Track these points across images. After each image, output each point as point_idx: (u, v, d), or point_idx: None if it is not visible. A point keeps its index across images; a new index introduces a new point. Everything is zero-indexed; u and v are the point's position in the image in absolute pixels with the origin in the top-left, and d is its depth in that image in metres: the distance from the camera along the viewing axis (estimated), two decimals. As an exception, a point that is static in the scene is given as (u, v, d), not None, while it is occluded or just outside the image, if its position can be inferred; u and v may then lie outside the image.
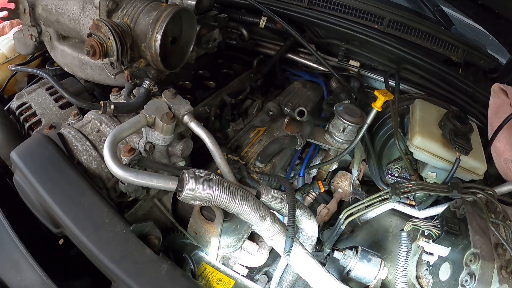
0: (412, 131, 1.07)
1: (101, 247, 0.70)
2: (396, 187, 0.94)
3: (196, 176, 0.72)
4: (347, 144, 1.13)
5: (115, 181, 0.86)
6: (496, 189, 0.94)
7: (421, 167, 1.09)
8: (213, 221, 0.86)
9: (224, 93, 1.20)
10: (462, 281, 0.75)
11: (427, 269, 0.89)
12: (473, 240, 0.78)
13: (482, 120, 1.28)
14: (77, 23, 1.02)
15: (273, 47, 1.56)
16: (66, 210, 0.74)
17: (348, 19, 1.42)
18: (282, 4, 1.50)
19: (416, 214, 0.96)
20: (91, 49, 0.87)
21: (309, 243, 0.94)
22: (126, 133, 0.81)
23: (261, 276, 1.07)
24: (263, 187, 0.82)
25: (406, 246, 0.82)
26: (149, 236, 0.75)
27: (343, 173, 1.25)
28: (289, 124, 1.15)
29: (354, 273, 0.94)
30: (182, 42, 1.04)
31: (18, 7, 1.12)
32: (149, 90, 0.96)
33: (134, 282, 0.67)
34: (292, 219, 0.78)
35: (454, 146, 0.96)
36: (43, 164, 0.80)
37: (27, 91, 1.13)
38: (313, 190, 1.19)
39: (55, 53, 1.15)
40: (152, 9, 0.91)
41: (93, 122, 0.94)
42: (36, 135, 0.89)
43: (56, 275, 0.76)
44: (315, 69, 1.47)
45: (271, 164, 1.02)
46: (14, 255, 0.78)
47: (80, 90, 1.17)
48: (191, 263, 0.81)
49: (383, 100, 1.05)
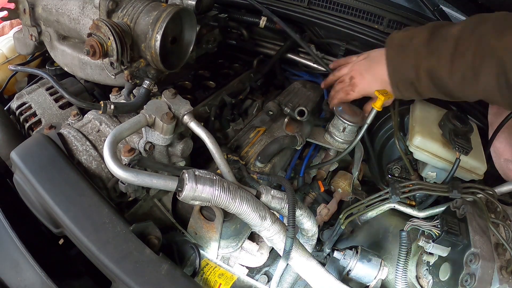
0: (412, 131, 1.07)
1: (101, 247, 0.70)
2: (396, 187, 0.94)
3: (196, 176, 0.72)
4: (347, 144, 1.13)
5: (115, 181, 0.86)
6: (496, 189, 0.94)
7: (421, 167, 1.09)
8: (213, 221, 0.86)
9: (224, 93, 1.20)
10: (462, 281, 0.75)
11: (427, 269, 0.89)
12: (473, 240, 0.78)
13: (482, 120, 1.28)
14: (77, 23, 1.02)
15: (273, 47, 1.56)
16: (66, 210, 0.74)
17: (348, 19, 1.42)
18: (282, 4, 1.50)
19: (416, 214, 0.96)
20: (91, 49, 0.87)
21: (309, 243, 0.94)
22: (126, 133, 0.81)
23: (261, 276, 1.07)
24: (263, 187, 0.83)
25: (406, 246, 0.82)
26: (149, 236, 0.75)
27: (343, 173, 1.25)
28: (289, 124, 1.15)
29: (354, 273, 0.94)
30: (182, 42, 1.04)
31: (18, 7, 1.12)
32: (149, 90, 0.96)
33: (134, 282, 0.67)
34: (292, 219, 0.78)
35: (454, 146, 0.96)
36: (43, 164, 0.80)
37: (27, 91, 1.13)
38: (313, 190, 1.19)
39: (55, 53, 1.15)
40: (152, 9, 0.91)
41: (93, 122, 0.94)
42: (36, 135, 0.89)
43: (56, 275, 0.76)
44: (315, 69, 1.47)
45: (271, 164, 1.02)
46: (14, 255, 0.78)
47: (80, 90, 1.17)
48: (195, 254, 0.81)
49: (383, 100, 1.05)
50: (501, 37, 0.79)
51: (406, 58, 0.98)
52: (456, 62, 0.87)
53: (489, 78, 0.83)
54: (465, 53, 0.85)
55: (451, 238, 0.81)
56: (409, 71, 0.98)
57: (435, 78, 0.93)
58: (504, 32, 0.79)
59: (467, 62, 0.85)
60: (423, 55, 0.93)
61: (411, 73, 0.98)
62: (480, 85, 0.86)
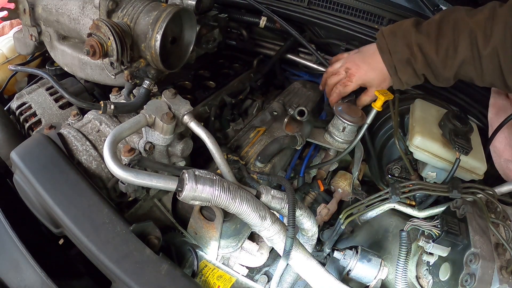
0: (412, 131, 1.07)
1: (101, 247, 0.70)
2: (396, 187, 0.94)
3: (196, 176, 0.72)
4: (347, 144, 1.13)
5: (115, 181, 0.86)
6: (496, 189, 0.94)
7: (421, 167, 1.09)
8: (213, 221, 0.86)
9: (224, 93, 1.20)
10: (462, 281, 0.75)
11: (427, 269, 0.89)
12: (473, 240, 0.78)
13: (482, 120, 1.28)
14: (77, 23, 1.02)
15: (273, 47, 1.56)
16: (66, 210, 0.74)
17: (348, 19, 1.42)
18: (282, 4, 1.50)
19: (416, 214, 0.96)
20: (91, 49, 0.87)
21: (309, 243, 0.94)
22: (126, 133, 0.81)
23: (261, 276, 1.07)
24: (263, 187, 0.82)
25: (406, 246, 0.82)
26: (149, 236, 0.75)
27: (343, 173, 1.25)
28: (289, 124, 1.15)
29: (354, 273, 0.94)
30: (182, 42, 1.04)
31: (18, 7, 1.11)
32: (149, 90, 0.96)
33: (134, 282, 0.67)
34: (292, 219, 0.78)
35: (454, 146, 0.96)
36: (43, 164, 0.80)
37: (27, 91, 1.13)
38: (313, 190, 1.19)
39: (55, 53, 1.15)
40: (152, 9, 0.91)
41: (93, 122, 0.94)
42: (36, 135, 0.89)
43: (56, 275, 0.76)
44: (315, 69, 1.47)
45: (271, 164, 1.02)
46: (14, 255, 0.78)
47: (80, 90, 1.17)
48: (193, 257, 0.81)
49: (383, 100, 1.05)
50: (472, 16, 0.98)
51: (398, 39, 1.08)
52: (440, 40, 1.01)
53: (465, 50, 0.98)
54: (447, 32, 1.01)
55: (451, 238, 0.81)
56: (403, 48, 1.07)
57: (425, 53, 1.04)
58: (475, 12, 0.99)
59: (448, 39, 1.00)
60: (413, 33, 1.05)
61: (406, 49, 1.06)
62: (458, 58, 1.00)
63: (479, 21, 0.96)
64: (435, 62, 1.03)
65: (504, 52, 0.93)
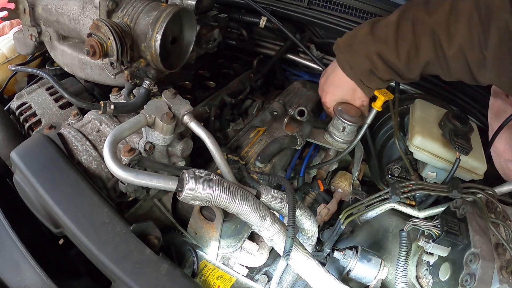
0: (412, 131, 1.07)
1: (101, 247, 0.70)
2: (396, 187, 0.94)
3: (196, 176, 0.72)
4: (347, 144, 1.13)
5: (115, 181, 0.86)
6: (496, 189, 0.94)
7: (421, 167, 1.09)
8: (213, 221, 0.86)
9: (224, 93, 1.20)
10: (462, 281, 0.75)
11: (427, 269, 0.89)
12: (473, 240, 0.78)
13: (482, 120, 1.28)
14: (77, 23, 1.02)
15: (273, 47, 1.56)
16: (66, 210, 0.74)
17: (348, 19, 1.42)
18: (282, 4, 1.50)
19: (416, 214, 0.96)
20: (91, 49, 0.87)
21: (309, 243, 0.94)
22: (126, 133, 0.81)
23: (261, 276, 1.07)
24: (263, 187, 0.82)
25: (406, 246, 0.82)
26: (149, 236, 0.75)
27: (343, 173, 1.25)
28: (289, 124, 1.15)
29: (354, 273, 0.94)
30: (182, 42, 1.04)
31: (18, 7, 1.12)
32: (149, 90, 0.96)
33: (134, 282, 0.68)
34: (292, 219, 0.78)
35: (454, 146, 0.96)
36: (43, 164, 0.80)
37: (27, 91, 1.12)
38: (313, 190, 1.19)
39: (55, 53, 1.15)
40: (152, 9, 0.91)
41: (93, 122, 0.94)
42: (36, 135, 0.89)
43: (56, 275, 0.76)
44: (315, 69, 1.47)
45: (271, 164, 1.02)
46: (14, 255, 0.78)
47: (80, 90, 1.17)
48: (193, 257, 0.81)
49: (383, 100, 1.05)
50: (431, 14, 0.92)
51: (356, 52, 1.04)
52: (400, 44, 0.97)
53: (429, 51, 0.94)
54: (406, 34, 0.95)
55: (451, 238, 0.81)
56: (363, 60, 1.03)
57: (386, 60, 1.00)
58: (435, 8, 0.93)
59: (409, 41, 0.95)
60: (370, 43, 1.01)
61: (366, 61, 1.02)
62: (421, 60, 0.96)
63: (439, 20, 0.90)
64: (398, 66, 0.99)
65: (470, 50, 0.88)
